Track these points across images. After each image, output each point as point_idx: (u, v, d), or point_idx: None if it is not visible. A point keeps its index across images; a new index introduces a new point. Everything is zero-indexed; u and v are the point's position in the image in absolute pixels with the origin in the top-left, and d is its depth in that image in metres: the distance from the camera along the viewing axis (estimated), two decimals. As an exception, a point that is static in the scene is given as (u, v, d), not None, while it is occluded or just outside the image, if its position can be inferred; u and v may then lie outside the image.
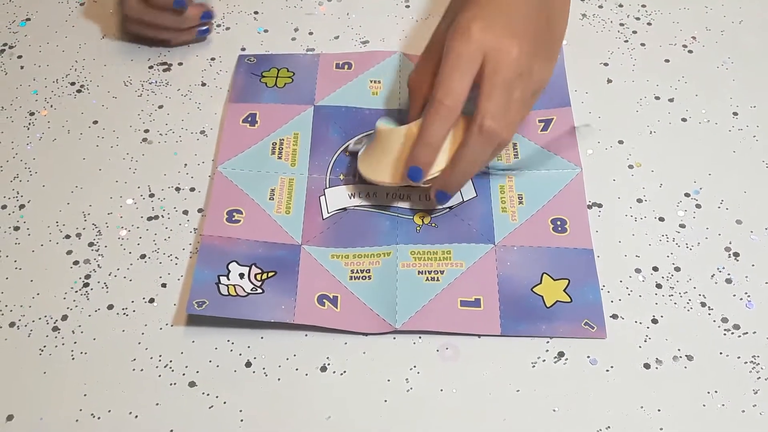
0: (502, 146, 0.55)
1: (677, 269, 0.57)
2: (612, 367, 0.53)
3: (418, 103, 0.59)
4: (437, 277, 0.56)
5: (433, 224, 0.59)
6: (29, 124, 0.66)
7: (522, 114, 0.55)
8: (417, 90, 0.59)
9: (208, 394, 0.52)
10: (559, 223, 0.58)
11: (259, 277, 0.56)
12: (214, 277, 0.55)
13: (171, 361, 0.53)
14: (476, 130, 0.53)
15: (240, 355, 0.53)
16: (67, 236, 0.59)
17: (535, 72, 0.55)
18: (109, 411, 0.51)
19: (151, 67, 0.70)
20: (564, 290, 0.55)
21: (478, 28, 0.53)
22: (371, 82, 0.67)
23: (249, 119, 0.65)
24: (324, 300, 0.55)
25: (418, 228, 0.59)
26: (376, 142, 0.59)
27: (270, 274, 0.56)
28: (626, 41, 0.71)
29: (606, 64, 0.69)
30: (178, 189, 0.62)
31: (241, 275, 0.56)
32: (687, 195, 0.61)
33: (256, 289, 0.55)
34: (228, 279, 0.55)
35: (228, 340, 0.54)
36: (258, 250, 0.57)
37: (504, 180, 0.61)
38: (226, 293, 0.54)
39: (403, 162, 0.56)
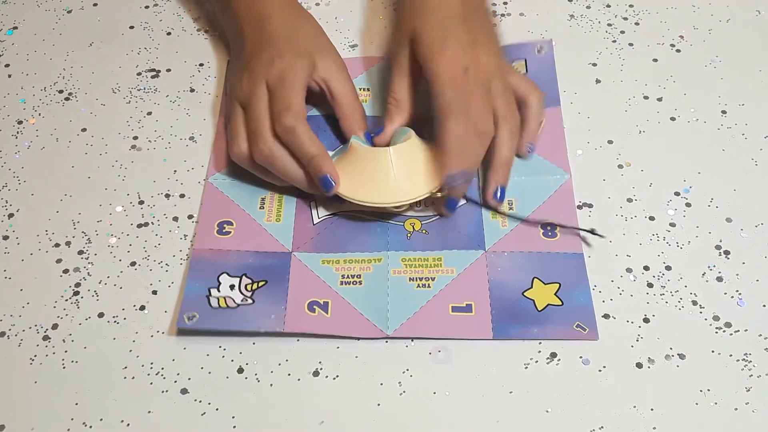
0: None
1: (668, 268, 0.57)
2: (604, 367, 0.53)
3: (399, 121, 0.60)
4: (428, 284, 0.56)
5: (424, 231, 0.59)
6: (17, 132, 0.66)
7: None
8: (400, 107, 0.60)
9: (200, 401, 0.52)
10: (549, 228, 0.58)
11: (249, 287, 0.56)
12: (204, 290, 0.55)
13: (162, 369, 0.53)
14: (474, 135, 0.57)
15: (232, 361, 0.53)
16: (57, 245, 0.59)
17: (504, 66, 0.61)
18: (101, 419, 0.51)
19: (139, 74, 0.70)
20: (555, 294, 0.55)
21: (454, 50, 0.57)
22: (360, 89, 0.67)
23: None
24: (314, 306, 0.55)
25: (409, 235, 0.59)
26: (354, 161, 0.58)
27: (260, 284, 0.56)
28: (614, 41, 0.71)
29: (594, 65, 0.69)
30: (167, 196, 0.62)
31: (232, 287, 0.56)
32: (677, 194, 0.61)
33: (247, 300, 0.55)
34: (218, 291, 0.55)
35: (220, 347, 0.54)
36: (248, 261, 0.57)
37: None
38: (217, 305, 0.54)
39: (387, 184, 0.57)
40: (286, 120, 0.57)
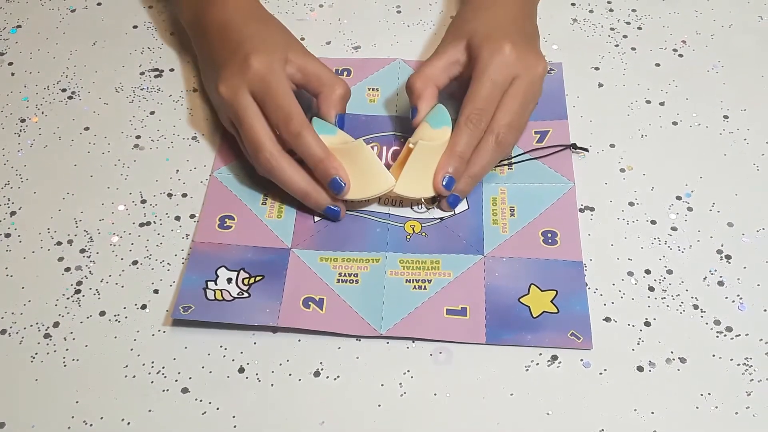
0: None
1: (669, 272, 0.57)
2: (605, 370, 0.53)
3: (429, 96, 0.60)
4: (424, 286, 0.56)
5: (424, 234, 0.59)
6: (20, 130, 0.66)
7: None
8: (428, 84, 0.60)
9: (201, 400, 0.52)
10: (549, 235, 0.58)
11: (246, 281, 0.56)
12: (201, 283, 0.55)
13: (163, 368, 0.53)
14: (493, 141, 0.58)
15: (233, 360, 0.53)
16: (59, 243, 0.59)
17: (542, 76, 0.61)
18: (102, 418, 0.51)
19: (142, 74, 0.70)
20: (551, 301, 0.55)
21: (511, 49, 0.58)
22: (369, 89, 0.68)
23: None
24: (309, 302, 0.55)
25: (408, 237, 0.59)
26: (352, 157, 0.58)
27: (257, 279, 0.56)
28: (617, 45, 0.71)
29: (597, 69, 0.69)
30: (170, 195, 0.62)
31: (229, 280, 0.56)
32: (678, 198, 0.61)
33: (243, 294, 0.55)
34: (215, 284, 0.55)
35: (221, 346, 0.54)
36: (247, 255, 0.57)
37: (497, 192, 0.61)
38: (213, 298, 0.55)
39: (370, 173, 0.57)
40: (292, 127, 0.57)
